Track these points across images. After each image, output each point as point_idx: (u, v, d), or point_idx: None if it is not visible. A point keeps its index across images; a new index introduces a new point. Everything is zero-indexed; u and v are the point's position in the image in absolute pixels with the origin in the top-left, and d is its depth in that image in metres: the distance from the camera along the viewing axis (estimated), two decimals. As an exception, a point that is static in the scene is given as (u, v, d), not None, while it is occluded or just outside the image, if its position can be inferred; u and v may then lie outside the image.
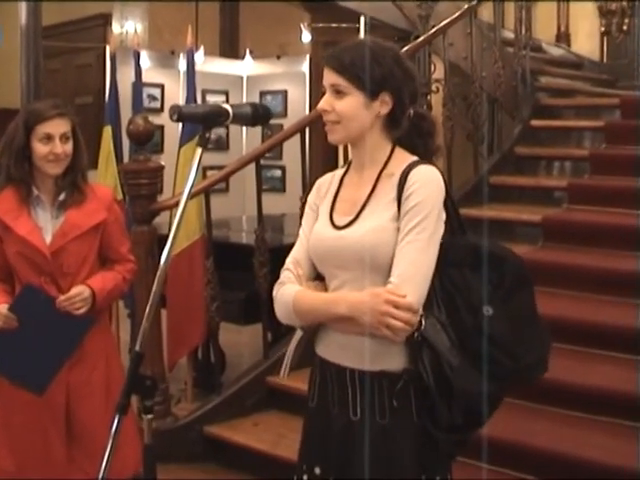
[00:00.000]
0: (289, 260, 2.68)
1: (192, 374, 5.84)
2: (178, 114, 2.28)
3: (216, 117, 2.34)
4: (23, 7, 5.54)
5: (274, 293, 2.64)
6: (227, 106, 2.36)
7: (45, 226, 3.54)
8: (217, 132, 11.15)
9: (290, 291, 2.57)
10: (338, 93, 2.51)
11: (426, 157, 2.61)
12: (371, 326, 2.37)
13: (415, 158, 2.56)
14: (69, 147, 3.54)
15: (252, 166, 5.30)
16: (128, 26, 11.26)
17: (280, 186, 11.14)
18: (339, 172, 2.73)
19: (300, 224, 2.77)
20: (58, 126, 3.50)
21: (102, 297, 3.55)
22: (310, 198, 2.75)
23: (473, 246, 2.50)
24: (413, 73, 2.60)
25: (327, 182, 2.73)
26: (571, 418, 4.27)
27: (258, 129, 10.81)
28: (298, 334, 2.68)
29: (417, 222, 2.41)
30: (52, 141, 3.47)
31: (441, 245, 2.46)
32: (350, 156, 2.70)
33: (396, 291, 2.35)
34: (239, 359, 6.60)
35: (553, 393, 4.15)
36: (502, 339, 2.42)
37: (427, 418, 2.43)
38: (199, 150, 2.31)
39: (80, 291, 3.48)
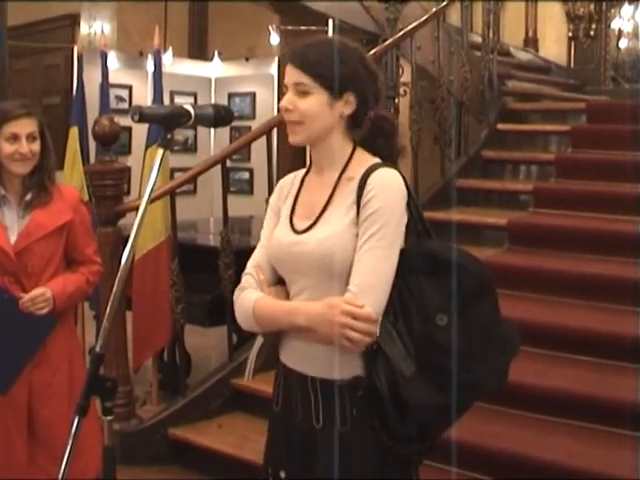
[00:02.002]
0: (250, 264, 2.62)
1: (157, 376, 5.82)
2: (139, 114, 2.25)
3: (177, 118, 2.32)
4: (-13, 7, 5.51)
5: (234, 298, 2.60)
6: (189, 107, 2.34)
7: (11, 226, 3.52)
8: (185, 134, 11.15)
9: (250, 297, 2.52)
10: (302, 92, 2.45)
11: (389, 158, 2.56)
12: (330, 337, 2.31)
13: (376, 160, 2.50)
14: (36, 147, 3.53)
15: (220, 168, 5.30)
16: (96, 27, 11.19)
17: (248, 188, 11.12)
18: (301, 172, 2.67)
19: (265, 226, 2.73)
20: (25, 126, 3.50)
21: (62, 300, 3.54)
22: (272, 200, 2.70)
23: (431, 253, 2.41)
24: (377, 75, 2.56)
25: (289, 183, 2.68)
26: (533, 420, 4.30)
27: (226, 131, 10.79)
28: (259, 340, 2.64)
29: (376, 229, 2.34)
30: (18, 141, 3.47)
31: (402, 251, 2.39)
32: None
33: (354, 301, 2.29)
34: (205, 361, 6.60)
35: (516, 395, 4.17)
36: (455, 350, 2.30)
37: (382, 429, 2.37)
38: (160, 151, 2.29)
39: (42, 292, 3.47)
